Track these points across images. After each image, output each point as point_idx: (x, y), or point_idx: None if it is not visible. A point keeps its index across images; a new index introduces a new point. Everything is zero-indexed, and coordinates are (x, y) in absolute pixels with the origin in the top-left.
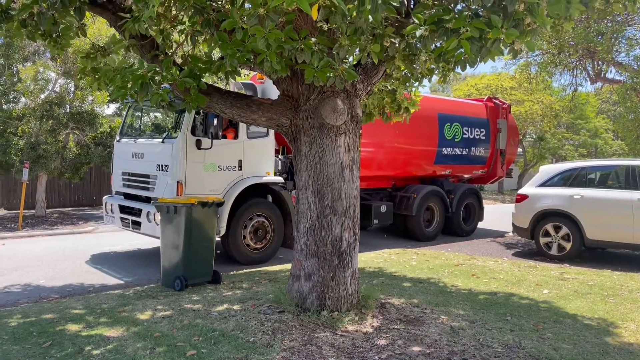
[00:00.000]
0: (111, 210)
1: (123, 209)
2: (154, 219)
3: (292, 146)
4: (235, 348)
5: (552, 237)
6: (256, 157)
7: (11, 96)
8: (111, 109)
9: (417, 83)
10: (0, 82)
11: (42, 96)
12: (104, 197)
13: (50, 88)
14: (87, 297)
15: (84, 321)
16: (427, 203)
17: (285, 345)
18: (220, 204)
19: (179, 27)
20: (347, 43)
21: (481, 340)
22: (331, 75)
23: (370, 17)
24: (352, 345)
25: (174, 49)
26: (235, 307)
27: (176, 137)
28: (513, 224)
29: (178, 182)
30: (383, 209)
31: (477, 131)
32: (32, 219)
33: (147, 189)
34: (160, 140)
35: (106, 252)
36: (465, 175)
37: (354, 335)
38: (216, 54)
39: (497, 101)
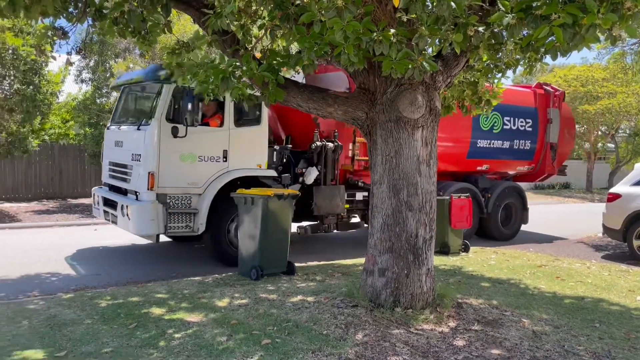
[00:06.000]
0: (98, 202)
1: (106, 202)
2: (127, 213)
3: (367, 140)
4: (309, 340)
5: None
6: (245, 148)
7: (104, 90)
8: None
9: (500, 74)
10: (94, 77)
11: None
12: (93, 188)
13: None
14: (170, 283)
15: (166, 305)
16: None
17: (358, 339)
18: (295, 196)
19: (259, 22)
20: (427, 33)
21: (566, 346)
22: (410, 66)
23: (452, 4)
24: (427, 344)
25: (253, 43)
26: (309, 299)
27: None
28: (603, 225)
29: (149, 173)
30: None
31: (521, 121)
32: None
33: (125, 180)
34: (136, 127)
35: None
36: (510, 172)
37: (429, 334)
38: (293, 47)
39: (548, 88)
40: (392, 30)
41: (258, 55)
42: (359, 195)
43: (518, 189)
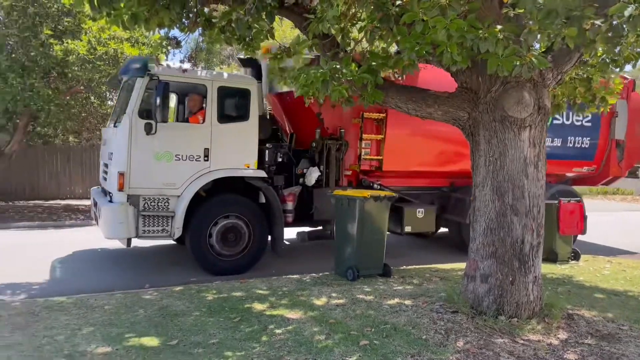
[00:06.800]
0: (92, 203)
1: (95, 203)
2: (103, 217)
3: (470, 140)
4: (408, 343)
5: None
6: (231, 146)
7: None
8: None
9: (617, 69)
10: None
11: None
12: (91, 189)
13: None
14: (270, 280)
15: (267, 301)
16: None
17: (459, 346)
18: (391, 198)
19: (358, 25)
20: (537, 28)
21: None
22: (517, 63)
23: None
24: (534, 356)
25: (352, 46)
26: (407, 302)
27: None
28: None
29: (119, 172)
30: (419, 213)
31: (577, 115)
32: None
33: (106, 180)
34: (113, 124)
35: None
36: (567, 174)
37: (536, 345)
38: (392, 49)
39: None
40: (499, 27)
41: (357, 57)
42: None
43: (571, 194)
